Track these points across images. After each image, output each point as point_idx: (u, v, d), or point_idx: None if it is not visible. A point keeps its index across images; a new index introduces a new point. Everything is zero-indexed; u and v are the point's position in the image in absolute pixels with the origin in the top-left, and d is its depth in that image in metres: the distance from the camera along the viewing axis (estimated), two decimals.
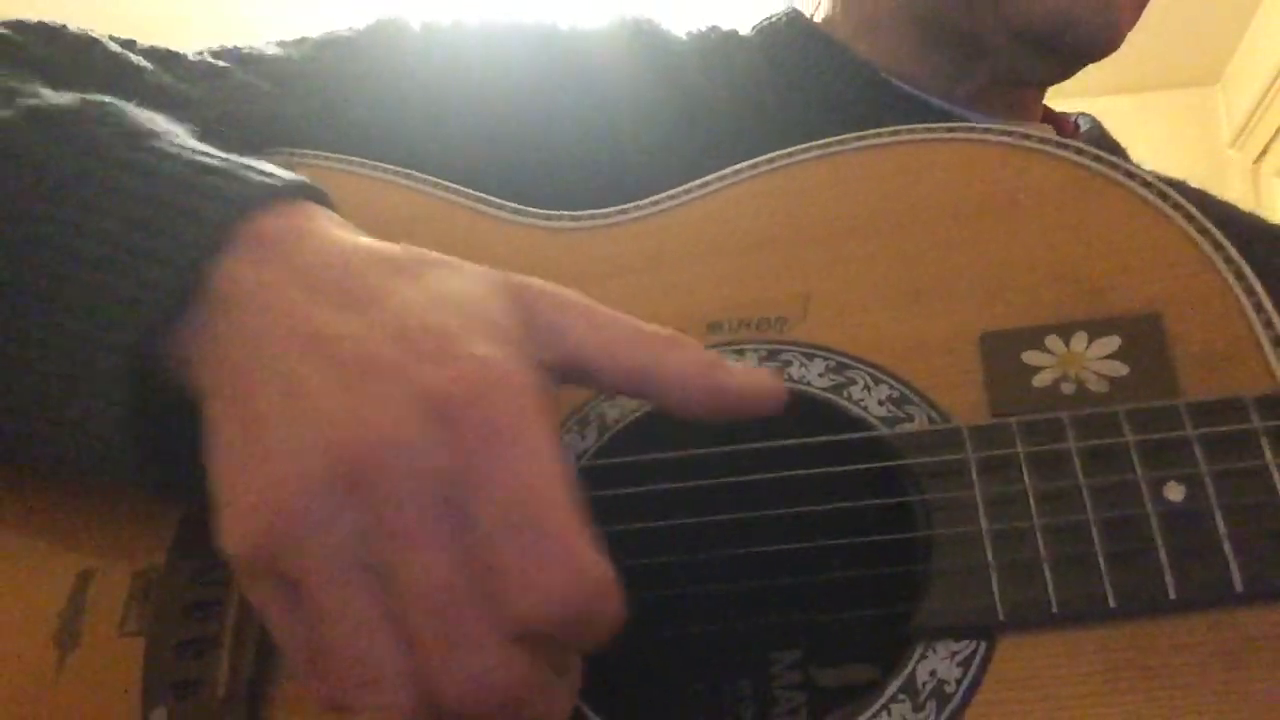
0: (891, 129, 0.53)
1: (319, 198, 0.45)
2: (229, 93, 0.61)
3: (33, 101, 0.47)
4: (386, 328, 0.37)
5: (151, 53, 0.62)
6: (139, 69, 0.59)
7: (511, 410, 0.35)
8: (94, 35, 0.59)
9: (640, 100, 0.67)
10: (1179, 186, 0.76)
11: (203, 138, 0.47)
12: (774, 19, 0.77)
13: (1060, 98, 0.76)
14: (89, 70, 0.57)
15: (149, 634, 0.47)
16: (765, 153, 0.56)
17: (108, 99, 0.47)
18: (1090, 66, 0.69)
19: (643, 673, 0.50)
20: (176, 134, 0.46)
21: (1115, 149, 0.75)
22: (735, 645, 0.51)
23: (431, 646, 0.34)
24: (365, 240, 0.42)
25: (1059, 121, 0.78)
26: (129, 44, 0.61)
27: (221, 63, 0.63)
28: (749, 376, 0.42)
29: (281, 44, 0.66)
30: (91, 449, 0.43)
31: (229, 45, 0.66)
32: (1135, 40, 0.67)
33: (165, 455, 0.43)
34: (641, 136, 0.65)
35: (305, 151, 0.59)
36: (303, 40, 0.67)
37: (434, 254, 0.41)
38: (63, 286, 0.42)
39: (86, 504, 0.51)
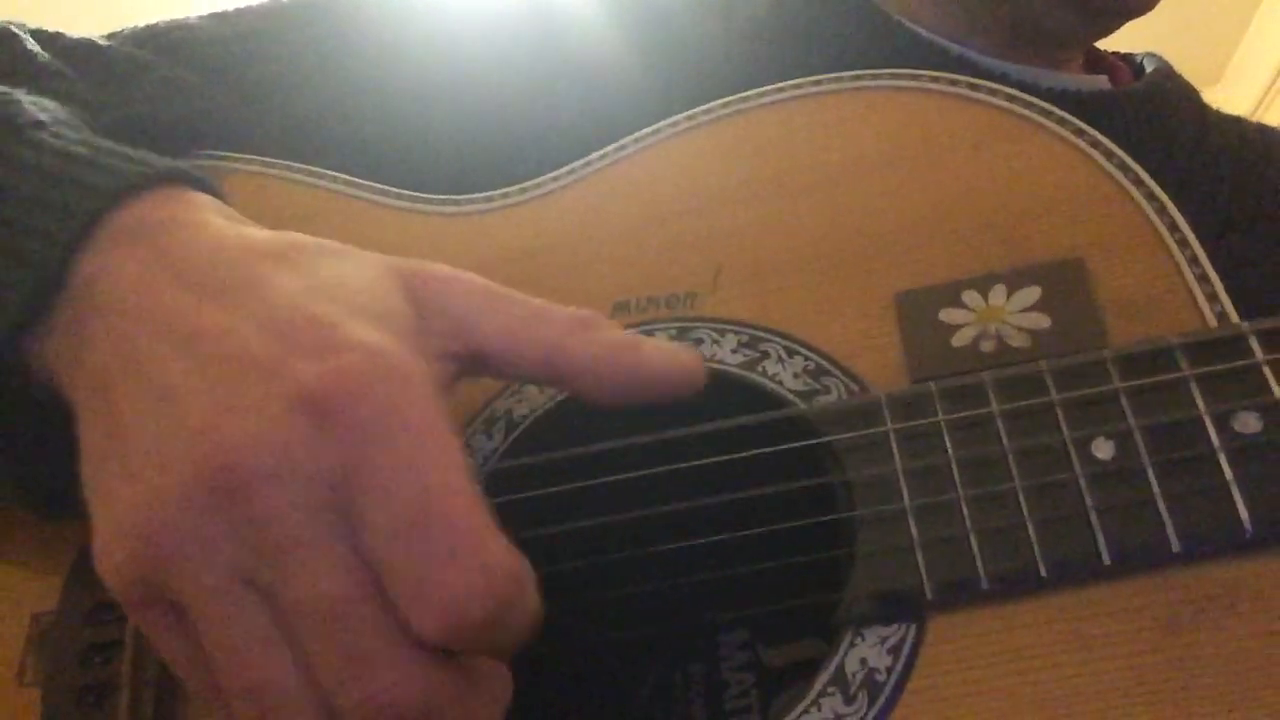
0: (795, 81, 0.50)
1: (202, 185, 0.42)
2: (151, 92, 0.57)
3: None
4: (259, 319, 0.34)
5: (74, 49, 0.58)
6: (53, 74, 0.55)
7: (398, 401, 0.32)
8: (14, 30, 0.56)
9: (624, 64, 0.63)
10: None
11: (107, 133, 0.44)
12: None
13: None
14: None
15: (46, 684, 0.44)
16: None
17: (2, 88, 0.45)
18: None
19: (587, 667, 0.48)
20: (65, 124, 0.43)
21: (1187, 90, 0.69)
22: (680, 633, 0.49)
23: (327, 665, 0.31)
24: (246, 229, 0.39)
25: (1110, 65, 0.71)
26: (54, 38, 0.58)
27: (145, 53, 0.59)
28: (665, 355, 0.39)
29: (216, 17, 0.62)
30: None
31: (161, 22, 0.62)
32: (1136, 41, 0.64)
33: (54, 475, 0.40)
34: (627, 101, 0.60)
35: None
36: (240, 13, 0.63)
37: (320, 240, 0.38)
38: None
39: None
